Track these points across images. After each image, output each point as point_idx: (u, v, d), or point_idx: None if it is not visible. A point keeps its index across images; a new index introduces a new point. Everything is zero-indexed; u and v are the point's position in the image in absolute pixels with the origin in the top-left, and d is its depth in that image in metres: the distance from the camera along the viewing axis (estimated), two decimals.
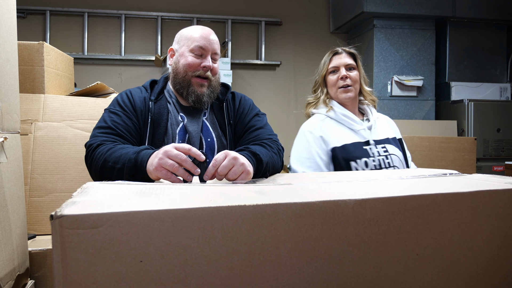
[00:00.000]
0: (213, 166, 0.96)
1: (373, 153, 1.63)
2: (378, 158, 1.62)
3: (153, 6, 4.02)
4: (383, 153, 1.64)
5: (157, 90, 1.39)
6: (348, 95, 1.69)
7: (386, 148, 1.65)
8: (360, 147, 1.64)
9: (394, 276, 0.69)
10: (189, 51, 1.36)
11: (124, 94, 1.35)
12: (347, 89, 1.68)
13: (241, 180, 0.97)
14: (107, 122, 1.24)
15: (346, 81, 1.68)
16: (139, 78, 3.98)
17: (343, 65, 1.69)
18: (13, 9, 1.11)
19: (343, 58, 1.71)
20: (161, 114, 1.34)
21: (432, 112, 3.83)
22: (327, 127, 1.70)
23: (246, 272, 0.61)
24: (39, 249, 1.26)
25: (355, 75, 1.70)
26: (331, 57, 1.73)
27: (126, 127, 1.26)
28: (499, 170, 3.54)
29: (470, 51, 3.91)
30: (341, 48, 1.74)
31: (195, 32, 1.38)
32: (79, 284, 0.54)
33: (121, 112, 1.28)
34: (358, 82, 1.71)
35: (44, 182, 1.54)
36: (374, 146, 1.64)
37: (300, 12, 4.32)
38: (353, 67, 1.71)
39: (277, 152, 1.27)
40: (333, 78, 1.70)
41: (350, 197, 0.67)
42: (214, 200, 0.63)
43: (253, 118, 1.40)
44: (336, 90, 1.70)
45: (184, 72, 1.36)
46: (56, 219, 0.54)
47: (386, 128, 1.75)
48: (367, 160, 1.61)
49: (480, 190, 0.76)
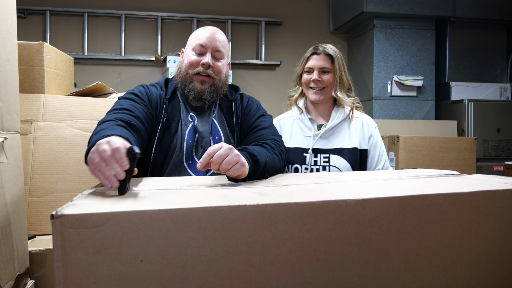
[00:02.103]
0: (208, 154, 0.94)
1: (309, 161, 1.63)
2: (313, 167, 1.62)
3: (153, 6, 4.02)
4: (323, 163, 1.63)
5: (171, 89, 1.39)
6: (317, 98, 1.67)
7: (329, 159, 1.63)
8: (300, 153, 1.65)
9: (395, 276, 0.69)
10: (191, 50, 1.37)
11: (140, 87, 1.34)
12: (317, 91, 1.67)
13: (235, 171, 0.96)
14: (123, 105, 1.19)
15: (317, 84, 1.66)
16: (139, 78, 3.98)
17: (318, 68, 1.66)
18: (13, 9, 1.11)
19: (319, 60, 1.67)
20: (174, 114, 1.34)
21: (432, 112, 3.83)
22: (283, 127, 1.73)
23: (246, 272, 0.61)
24: (39, 249, 1.26)
25: (328, 78, 1.66)
26: (309, 55, 1.70)
27: (143, 113, 1.22)
28: (499, 170, 3.54)
29: (470, 51, 3.91)
30: (322, 46, 1.69)
31: (200, 32, 1.39)
32: (80, 283, 0.54)
33: (138, 100, 1.26)
34: (331, 85, 1.68)
35: (44, 182, 1.54)
36: (313, 155, 1.64)
37: (300, 12, 4.32)
38: (328, 70, 1.67)
39: (279, 153, 1.26)
40: (307, 78, 1.69)
41: (351, 197, 0.67)
42: (214, 200, 0.63)
43: (259, 118, 1.40)
44: (308, 89, 1.70)
45: (185, 71, 1.37)
46: (56, 219, 0.54)
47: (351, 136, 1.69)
48: (298, 167, 1.63)
49: (481, 190, 0.76)
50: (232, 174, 0.96)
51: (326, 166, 1.62)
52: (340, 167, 1.62)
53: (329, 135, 1.68)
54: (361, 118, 1.72)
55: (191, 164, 1.32)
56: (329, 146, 1.66)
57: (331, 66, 1.67)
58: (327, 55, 1.67)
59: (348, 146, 1.65)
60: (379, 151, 1.69)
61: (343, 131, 1.69)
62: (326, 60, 1.67)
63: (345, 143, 1.66)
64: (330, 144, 1.66)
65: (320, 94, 1.67)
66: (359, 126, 1.70)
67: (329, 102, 1.73)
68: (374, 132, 1.70)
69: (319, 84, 1.66)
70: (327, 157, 1.63)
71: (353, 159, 1.63)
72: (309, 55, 1.70)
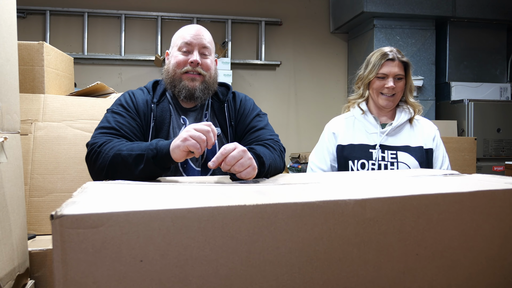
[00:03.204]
0: (221, 154, 0.95)
1: (376, 157, 1.65)
2: (380, 162, 1.65)
3: (153, 6, 4.02)
4: (390, 159, 1.66)
5: (159, 91, 1.37)
6: (389, 104, 1.71)
7: (397, 155, 1.67)
8: (366, 149, 1.68)
9: (394, 276, 0.69)
10: (178, 50, 1.35)
11: (126, 95, 1.32)
12: (389, 98, 1.70)
13: (247, 174, 0.97)
14: (111, 123, 1.21)
15: (391, 91, 1.69)
16: (139, 78, 3.98)
17: (393, 75, 1.69)
18: (13, 9, 1.11)
19: (394, 67, 1.69)
20: (164, 117, 1.32)
21: (432, 112, 3.83)
22: (344, 125, 1.77)
23: (246, 272, 0.61)
24: (39, 249, 1.26)
25: (402, 85, 1.71)
26: (383, 62, 1.70)
27: (130, 128, 1.23)
28: (499, 170, 3.54)
29: (470, 51, 3.91)
30: (395, 53, 1.71)
31: (183, 30, 1.37)
32: (79, 284, 0.54)
33: (124, 113, 1.25)
34: (402, 92, 1.73)
35: (44, 182, 1.54)
36: (381, 151, 1.67)
37: (300, 12, 4.32)
38: (402, 77, 1.70)
39: (280, 154, 1.26)
40: (380, 84, 1.70)
41: (350, 197, 0.67)
42: (214, 200, 0.63)
43: (254, 118, 1.38)
44: (378, 95, 1.72)
45: (173, 71, 1.35)
46: (56, 219, 0.54)
47: (415, 135, 1.73)
48: (364, 162, 1.65)
49: (480, 190, 0.76)
50: (243, 177, 0.97)
51: (394, 162, 1.66)
52: (409, 164, 1.66)
53: (395, 133, 1.72)
54: (423, 119, 1.80)
55: (186, 168, 1.31)
56: (396, 144, 1.69)
57: (404, 73, 1.71)
58: (402, 62, 1.70)
59: (414, 145, 1.70)
60: (443, 152, 1.77)
61: (407, 131, 1.74)
62: (401, 67, 1.70)
63: (411, 141, 1.71)
64: (396, 142, 1.70)
65: (391, 101, 1.71)
66: (422, 127, 1.77)
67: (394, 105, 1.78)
68: (436, 134, 1.78)
69: (392, 90, 1.69)
70: (394, 153, 1.67)
71: (420, 156, 1.68)
72: (384, 61, 1.70)
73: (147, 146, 1.04)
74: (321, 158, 1.76)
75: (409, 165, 1.66)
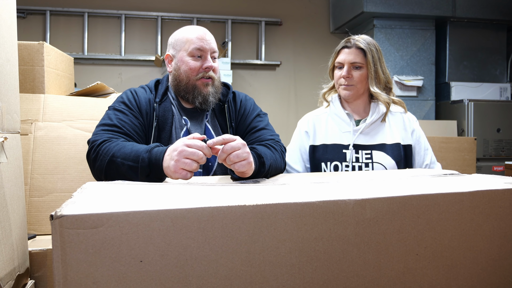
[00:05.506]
0: (222, 138, 0.96)
1: (350, 158, 1.54)
2: (354, 164, 1.53)
3: (153, 6, 4.02)
4: (365, 160, 1.54)
5: (161, 91, 1.36)
6: (346, 93, 1.58)
7: (372, 155, 1.54)
8: (339, 150, 1.55)
9: (394, 276, 0.69)
10: (188, 55, 1.32)
11: (129, 93, 1.31)
12: (346, 87, 1.57)
13: (241, 167, 0.97)
14: (112, 120, 1.20)
15: (347, 80, 1.56)
16: (139, 78, 3.98)
17: (348, 63, 1.56)
18: (13, 9, 1.11)
19: (350, 54, 1.56)
20: (166, 117, 1.31)
21: (432, 112, 3.83)
22: (317, 123, 1.64)
23: (246, 272, 0.61)
24: (39, 249, 1.26)
25: (359, 75, 1.55)
26: (340, 49, 1.60)
27: (132, 126, 1.23)
28: (499, 170, 3.54)
29: (470, 51, 3.91)
30: (354, 39, 1.58)
31: (190, 34, 1.33)
32: (79, 284, 0.54)
33: (127, 111, 1.25)
34: (362, 82, 1.56)
35: (44, 182, 1.54)
36: (355, 151, 1.54)
37: (300, 12, 4.32)
38: (360, 66, 1.55)
39: (281, 154, 1.26)
40: (337, 73, 1.60)
41: (350, 197, 0.67)
42: (214, 200, 0.63)
43: (255, 118, 1.38)
44: (338, 85, 1.61)
45: (187, 78, 1.32)
46: (56, 219, 0.54)
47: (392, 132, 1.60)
48: (338, 164, 1.53)
49: (480, 190, 0.76)
50: (237, 169, 0.97)
51: (369, 163, 1.53)
52: (385, 164, 1.53)
53: (369, 131, 1.58)
54: (401, 113, 1.64)
55: None
56: (370, 142, 1.56)
57: (363, 60, 1.55)
58: (359, 48, 1.56)
59: (390, 142, 1.57)
60: (424, 145, 1.62)
61: (383, 127, 1.60)
62: (357, 54, 1.56)
63: (386, 138, 1.57)
64: (371, 140, 1.57)
65: (349, 90, 1.57)
66: (400, 121, 1.62)
67: (363, 98, 1.62)
68: (416, 126, 1.63)
69: (349, 80, 1.56)
70: (369, 153, 1.54)
71: (397, 155, 1.55)
72: (340, 48, 1.60)
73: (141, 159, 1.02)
74: (295, 159, 1.62)
75: (385, 166, 1.53)
